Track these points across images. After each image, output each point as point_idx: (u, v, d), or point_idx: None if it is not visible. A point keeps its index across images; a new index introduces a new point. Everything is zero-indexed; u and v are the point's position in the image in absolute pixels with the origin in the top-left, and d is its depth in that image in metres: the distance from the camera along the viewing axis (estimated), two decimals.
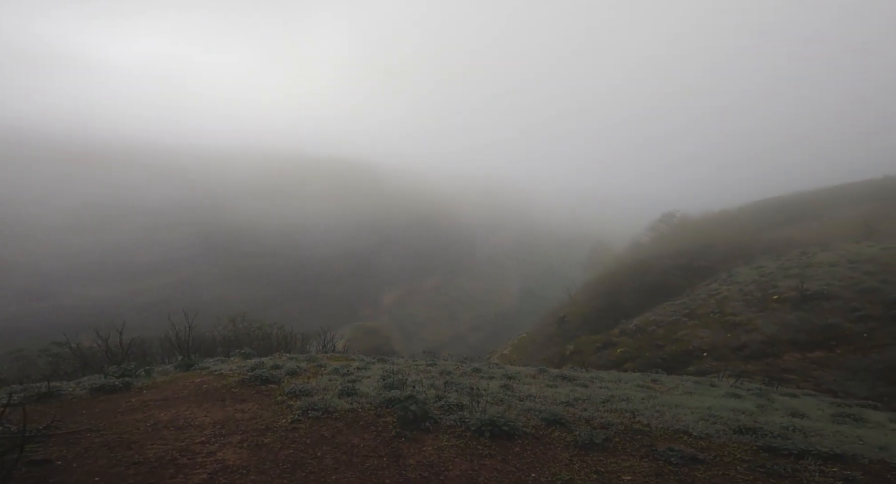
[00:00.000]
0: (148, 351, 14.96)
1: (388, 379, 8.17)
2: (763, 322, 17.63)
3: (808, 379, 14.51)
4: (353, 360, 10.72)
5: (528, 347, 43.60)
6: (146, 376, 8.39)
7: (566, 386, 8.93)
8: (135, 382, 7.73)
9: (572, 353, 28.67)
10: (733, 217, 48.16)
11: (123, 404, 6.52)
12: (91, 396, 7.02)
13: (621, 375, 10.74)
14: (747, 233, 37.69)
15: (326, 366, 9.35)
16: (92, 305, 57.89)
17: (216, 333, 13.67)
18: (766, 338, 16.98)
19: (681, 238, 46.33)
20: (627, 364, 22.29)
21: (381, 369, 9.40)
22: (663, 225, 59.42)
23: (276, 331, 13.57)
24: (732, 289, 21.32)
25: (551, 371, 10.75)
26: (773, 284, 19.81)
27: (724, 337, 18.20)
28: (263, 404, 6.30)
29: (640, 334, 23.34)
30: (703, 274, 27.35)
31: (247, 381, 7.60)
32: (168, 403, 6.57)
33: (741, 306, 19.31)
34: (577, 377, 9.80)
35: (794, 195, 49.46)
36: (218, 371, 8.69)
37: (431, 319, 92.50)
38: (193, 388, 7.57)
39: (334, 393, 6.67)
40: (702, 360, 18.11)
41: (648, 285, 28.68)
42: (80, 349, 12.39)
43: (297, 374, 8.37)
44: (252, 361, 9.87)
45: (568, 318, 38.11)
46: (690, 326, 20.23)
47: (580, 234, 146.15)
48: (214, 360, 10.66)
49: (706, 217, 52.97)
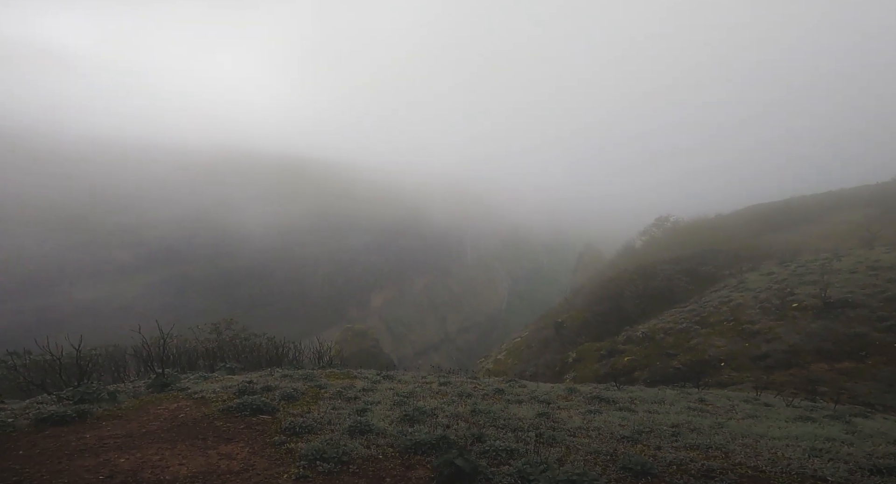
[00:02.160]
0: (121, 362, 13.37)
1: (403, 405, 6.88)
2: (784, 331, 16.74)
3: (842, 391, 13.58)
4: (355, 378, 9.36)
5: (524, 353, 42.49)
6: (110, 400, 6.93)
7: (608, 410, 7.75)
8: (94, 409, 6.27)
9: (575, 360, 27.64)
10: (728, 222, 47.86)
11: (74, 442, 5.08)
12: (35, 428, 5.56)
13: (662, 395, 9.59)
14: (744, 238, 37.23)
15: (327, 387, 7.99)
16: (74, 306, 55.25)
17: (198, 344, 12.15)
18: (790, 347, 16.08)
19: (676, 242, 45.84)
20: (637, 373, 21.27)
21: (390, 391, 8.08)
22: (656, 229, 59.01)
23: (265, 341, 12.13)
24: (746, 296, 20.46)
25: (582, 390, 9.55)
26: (791, 292, 18.98)
27: (743, 346, 17.26)
28: (256, 446, 4.93)
29: (649, 342, 22.34)
30: (709, 280, 26.55)
31: (233, 409, 6.21)
32: (133, 440, 5.15)
33: (758, 314, 18.42)
34: (616, 399, 8.61)
35: (786, 201, 49.36)
36: (199, 393, 7.27)
37: (420, 321, 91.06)
38: (167, 417, 6.15)
39: (344, 429, 5.34)
40: (719, 370, 17.14)
41: (653, 291, 27.79)
42: (40, 362, 10.78)
43: (294, 399, 7.00)
44: (239, 380, 8.45)
45: (566, 323, 37.10)
46: (703, 334, 19.27)
47: (567, 237, 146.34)
48: (195, 377, 9.20)
49: (701, 222, 52.64)
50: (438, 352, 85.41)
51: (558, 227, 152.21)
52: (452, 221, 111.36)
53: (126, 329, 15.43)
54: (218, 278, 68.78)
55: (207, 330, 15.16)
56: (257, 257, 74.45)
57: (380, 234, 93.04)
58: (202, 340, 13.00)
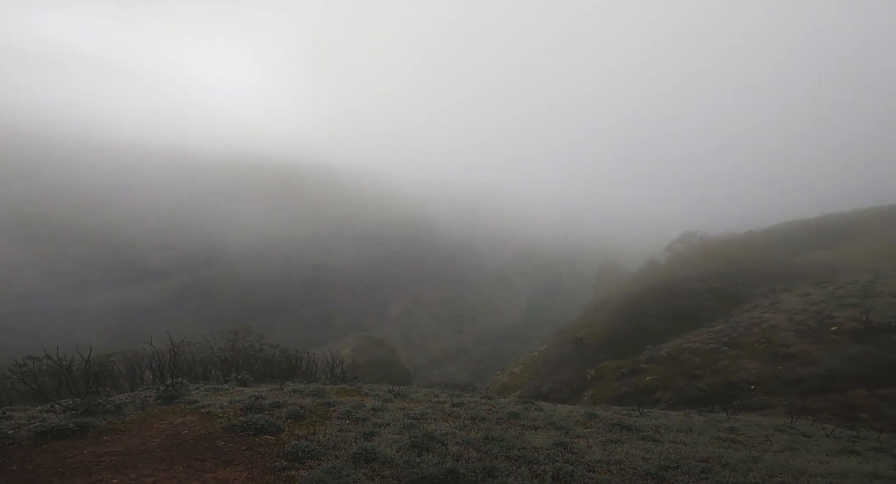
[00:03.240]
0: (138, 369, 13.44)
1: (413, 429, 6.55)
2: (821, 355, 15.78)
3: (883, 418, 12.65)
4: (366, 395, 9.08)
5: (541, 368, 41.50)
6: (115, 412, 6.82)
7: (631, 440, 7.24)
8: (97, 422, 6.15)
9: (593, 378, 26.76)
10: (760, 239, 46.00)
11: (70, 459, 4.92)
12: (34, 441, 5.44)
13: (689, 422, 8.98)
14: (777, 256, 35.63)
15: (336, 404, 7.72)
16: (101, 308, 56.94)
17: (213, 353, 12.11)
18: (826, 372, 15.13)
19: (703, 259, 44.32)
20: (658, 393, 20.42)
21: (400, 411, 7.76)
22: (682, 245, 57.32)
23: (278, 353, 12.00)
24: (780, 317, 19.44)
25: (602, 415, 9.02)
26: (829, 314, 17.94)
27: (775, 369, 16.33)
28: (254, 472, 4.68)
29: (673, 362, 21.43)
30: (739, 299, 25.42)
31: (237, 428, 6.00)
32: (130, 459, 4.97)
33: (793, 337, 17.43)
34: (639, 426, 8.07)
35: (822, 218, 47.25)
36: (206, 408, 7.10)
37: (436, 332, 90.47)
38: (169, 433, 5.98)
39: (349, 456, 5.05)
40: (749, 393, 16.23)
41: (678, 309, 26.74)
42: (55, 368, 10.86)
43: (302, 417, 6.75)
44: (249, 393, 8.28)
45: (585, 339, 36.12)
46: (733, 355, 18.34)
47: (587, 250, 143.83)
48: (206, 388, 9.08)
49: (730, 238, 50.79)
50: (454, 362, 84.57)
51: (578, 240, 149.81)
52: (470, 232, 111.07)
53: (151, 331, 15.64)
54: (240, 284, 70.06)
55: (224, 339, 15.15)
56: (278, 264, 75.62)
57: (398, 244, 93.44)
58: (217, 349, 12.98)
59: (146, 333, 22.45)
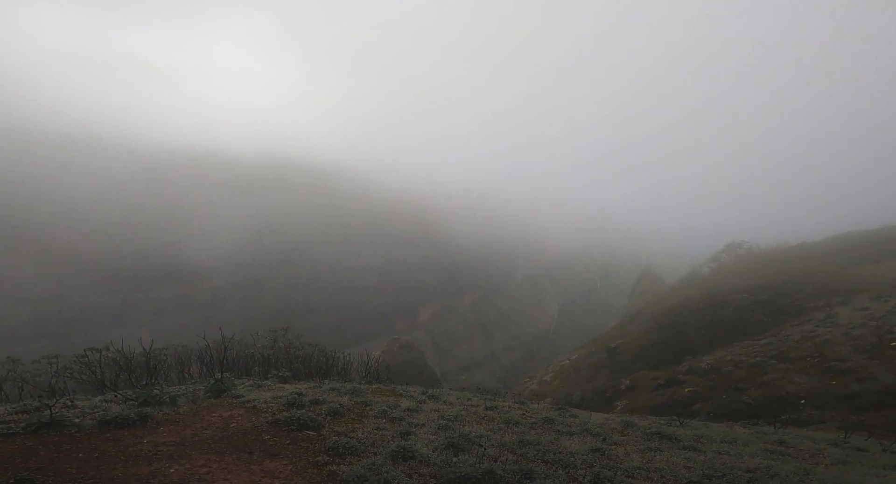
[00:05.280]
0: (186, 363, 14.18)
1: (448, 430, 6.64)
2: (880, 370, 14.81)
3: None
4: (401, 396, 9.24)
5: (572, 376, 40.72)
6: (170, 404, 7.25)
7: (670, 448, 7.04)
8: (154, 413, 6.57)
9: (628, 388, 26.03)
10: (814, 251, 43.33)
11: (131, 447, 5.28)
12: (98, 429, 5.86)
13: (733, 433, 8.63)
14: (832, 269, 33.51)
15: (372, 404, 7.91)
16: (155, 303, 60.44)
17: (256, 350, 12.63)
18: (885, 388, 14.19)
19: (750, 271, 42.15)
20: (697, 405, 19.65)
21: (435, 413, 7.86)
22: (727, 256, 54.80)
23: (316, 353, 12.39)
24: (835, 332, 18.36)
25: (639, 424, 8.81)
26: (890, 329, 16.79)
27: (828, 384, 15.43)
28: (299, 466, 4.88)
29: (714, 374, 20.56)
30: (789, 312, 24.13)
31: (281, 422, 6.27)
32: (184, 450, 5.29)
33: (849, 352, 16.42)
34: (679, 436, 7.83)
35: (882, 229, 44.07)
36: (251, 402, 7.45)
37: (466, 337, 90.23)
38: (219, 426, 6.32)
39: (387, 454, 5.19)
40: (799, 408, 15.38)
41: (721, 321, 25.62)
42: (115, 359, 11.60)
43: (340, 415, 6.97)
44: (289, 390, 8.60)
45: (620, 348, 35.17)
46: (781, 369, 17.44)
47: (623, 260, 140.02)
48: (250, 384, 9.50)
49: (780, 250, 48.14)
50: (482, 369, 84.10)
51: (613, 250, 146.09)
52: (501, 238, 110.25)
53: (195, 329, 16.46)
54: (279, 284, 72.37)
55: (265, 337, 15.77)
56: (313, 267, 77.60)
57: (430, 248, 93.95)
58: (260, 346, 13.52)
59: (189, 327, 23.02)
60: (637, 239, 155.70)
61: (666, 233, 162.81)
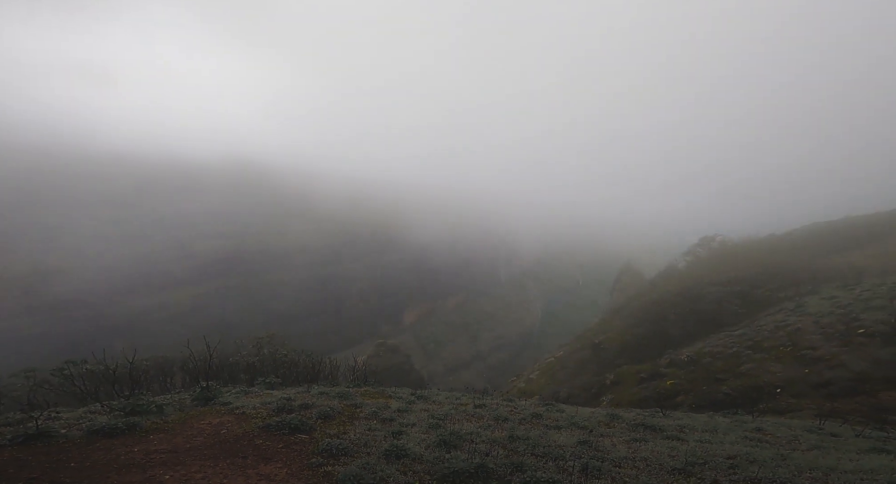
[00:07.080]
0: (169, 373, 13.92)
1: (439, 428, 6.75)
2: (849, 357, 15.46)
3: None
4: (390, 397, 9.31)
5: (558, 373, 41.17)
6: (157, 413, 7.17)
7: (655, 439, 7.30)
8: (142, 422, 6.50)
9: (613, 383, 26.52)
10: (783, 242, 44.97)
11: (123, 456, 5.25)
12: (86, 439, 5.80)
13: (713, 423, 8.96)
14: (801, 259, 34.84)
15: (362, 406, 7.97)
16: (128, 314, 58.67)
17: (240, 358, 12.50)
18: (855, 375, 14.82)
19: (723, 263, 43.50)
20: (680, 398, 20.15)
21: (425, 412, 7.96)
22: (702, 249, 56.25)
23: (303, 358, 12.33)
24: (806, 320, 19.09)
25: (624, 416, 9.07)
26: (856, 317, 17.56)
27: (802, 372, 16.03)
28: (293, 468, 4.94)
29: (694, 366, 21.15)
30: (762, 303, 24.97)
31: (272, 427, 6.29)
32: (177, 456, 5.28)
33: (819, 340, 17.11)
34: (663, 426, 8.11)
35: (847, 219, 46.01)
36: (240, 409, 7.43)
37: (451, 339, 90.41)
38: (210, 433, 6.29)
39: (380, 453, 5.27)
40: (775, 397, 15.95)
41: (698, 313, 26.38)
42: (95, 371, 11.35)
43: (331, 417, 7.01)
44: (278, 396, 8.58)
45: (603, 344, 35.80)
46: (757, 359, 18.05)
47: (604, 256, 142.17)
48: (237, 391, 9.43)
49: (751, 242, 49.76)
50: (469, 369, 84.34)
51: (593, 246, 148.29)
52: (484, 239, 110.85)
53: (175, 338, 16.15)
54: (260, 291, 71.21)
55: (250, 345, 15.60)
56: (295, 273, 76.66)
57: (413, 252, 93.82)
58: (244, 354, 13.37)
59: (166, 337, 22.53)
60: (617, 235, 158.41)
61: (644, 228, 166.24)
